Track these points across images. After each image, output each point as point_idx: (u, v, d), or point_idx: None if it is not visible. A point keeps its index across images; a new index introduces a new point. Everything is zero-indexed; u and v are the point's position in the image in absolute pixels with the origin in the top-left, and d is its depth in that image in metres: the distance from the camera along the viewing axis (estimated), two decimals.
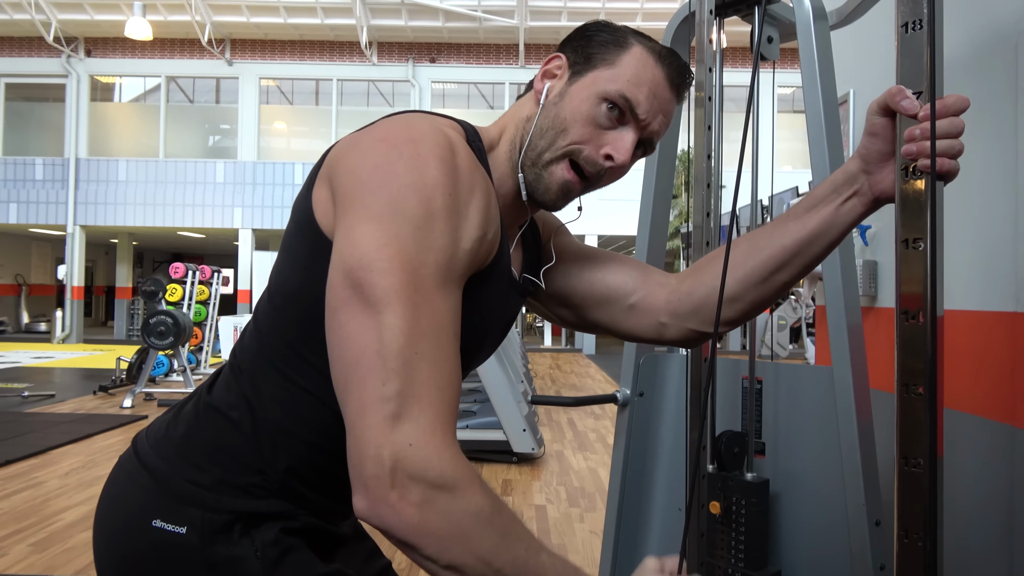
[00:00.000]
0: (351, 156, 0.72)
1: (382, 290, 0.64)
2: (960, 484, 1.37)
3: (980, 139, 1.35)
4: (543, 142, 0.82)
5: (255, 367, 0.81)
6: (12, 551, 3.08)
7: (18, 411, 6.40)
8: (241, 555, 0.77)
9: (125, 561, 0.80)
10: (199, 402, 0.85)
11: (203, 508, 0.78)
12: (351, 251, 0.66)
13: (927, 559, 0.65)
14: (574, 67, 0.83)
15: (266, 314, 0.82)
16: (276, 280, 0.82)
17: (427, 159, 0.69)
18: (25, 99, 15.71)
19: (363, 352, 0.64)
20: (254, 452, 0.80)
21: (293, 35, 14.97)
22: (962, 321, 1.39)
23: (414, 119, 0.75)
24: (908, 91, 0.72)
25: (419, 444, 0.62)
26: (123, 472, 0.85)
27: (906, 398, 0.69)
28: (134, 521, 0.79)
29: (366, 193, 0.68)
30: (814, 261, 0.86)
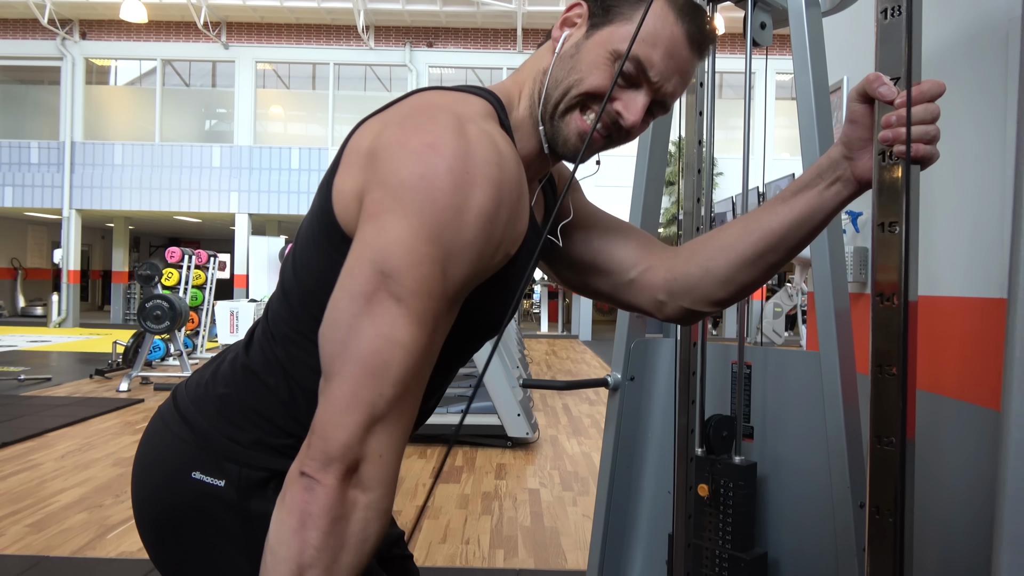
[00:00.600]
0: (397, 156, 0.70)
1: (406, 307, 0.66)
2: (947, 468, 1.39)
3: (970, 127, 1.36)
4: (557, 92, 0.81)
5: (287, 336, 0.83)
6: (8, 532, 3.10)
7: (14, 394, 6.42)
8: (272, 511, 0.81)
9: (165, 509, 0.84)
10: (236, 362, 0.87)
11: (241, 464, 0.81)
12: (387, 249, 0.67)
13: (896, 535, 0.66)
14: (592, 18, 0.82)
15: (293, 289, 0.83)
16: (300, 260, 0.83)
17: (475, 182, 0.68)
18: (20, 82, 15.60)
19: (374, 353, 0.66)
20: (290, 417, 0.82)
21: (290, 18, 14.87)
22: (949, 307, 1.41)
23: (460, 119, 0.72)
24: (885, 77, 0.73)
25: (386, 459, 0.67)
26: (163, 424, 0.88)
27: (880, 379, 0.70)
28: (174, 472, 0.83)
29: (409, 202, 0.67)
30: (801, 244, 0.88)
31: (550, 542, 3.16)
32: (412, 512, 3.50)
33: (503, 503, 3.69)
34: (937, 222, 1.45)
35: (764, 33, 1.57)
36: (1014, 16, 1.25)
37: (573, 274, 1.02)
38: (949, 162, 1.39)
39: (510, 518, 3.46)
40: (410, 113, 0.75)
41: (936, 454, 1.41)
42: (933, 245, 1.46)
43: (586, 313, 14.87)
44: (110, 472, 4.08)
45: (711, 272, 0.91)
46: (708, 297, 0.93)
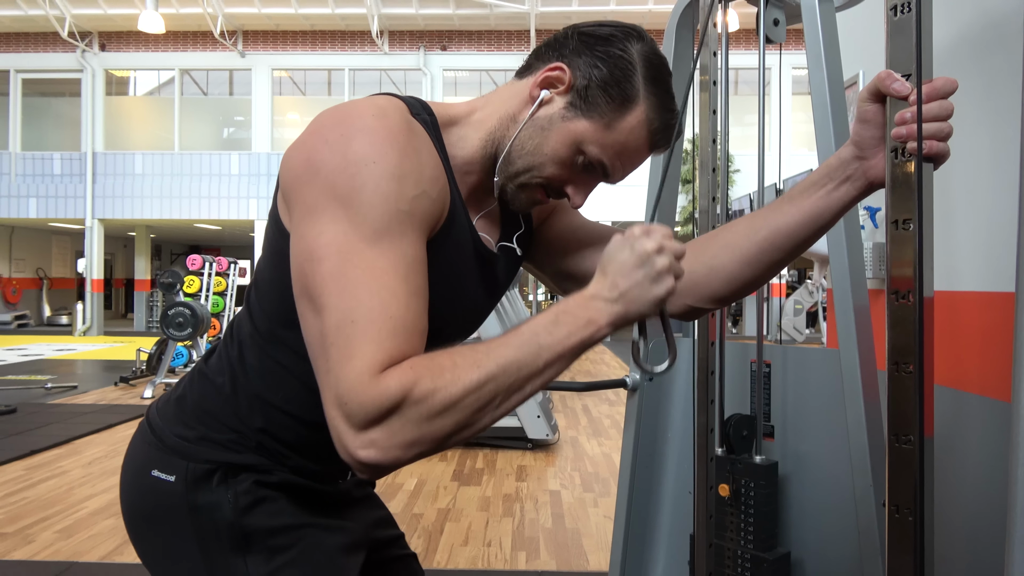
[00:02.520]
0: (291, 156, 0.76)
1: (320, 277, 0.69)
2: (969, 464, 1.37)
3: (986, 121, 1.34)
4: (520, 163, 0.84)
5: (243, 339, 0.90)
6: (39, 538, 3.15)
7: (42, 402, 6.52)
8: (217, 501, 0.86)
9: (133, 506, 0.93)
10: (196, 370, 0.96)
11: (188, 459, 0.88)
12: (297, 248, 0.72)
13: (916, 533, 0.66)
14: (572, 97, 0.82)
15: (254, 298, 0.89)
16: (258, 266, 0.89)
17: (350, 136, 0.72)
18: (41, 94, 15.85)
19: (314, 339, 0.70)
20: (232, 413, 0.89)
21: (304, 25, 14.99)
22: (969, 301, 1.39)
23: (347, 103, 0.78)
24: (896, 74, 0.73)
25: (352, 397, 0.65)
26: (138, 433, 0.97)
27: (897, 376, 0.70)
28: (139, 472, 0.91)
29: (303, 188, 0.72)
30: (807, 243, 0.88)
31: (571, 543, 3.16)
32: (434, 515, 3.51)
33: (524, 505, 3.69)
34: (956, 216, 1.43)
35: (777, 30, 1.56)
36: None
37: (569, 283, 1.03)
38: (967, 157, 1.38)
39: (531, 520, 3.46)
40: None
41: (957, 450, 1.39)
42: (952, 239, 1.44)
43: None
44: None
45: (715, 270, 0.92)
46: (712, 294, 0.94)
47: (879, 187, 0.81)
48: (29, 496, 3.76)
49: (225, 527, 0.86)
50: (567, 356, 0.72)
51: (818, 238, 0.87)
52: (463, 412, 0.67)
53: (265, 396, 0.88)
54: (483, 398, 0.68)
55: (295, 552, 0.88)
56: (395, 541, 1.09)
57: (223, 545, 0.86)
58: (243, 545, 0.86)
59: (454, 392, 0.66)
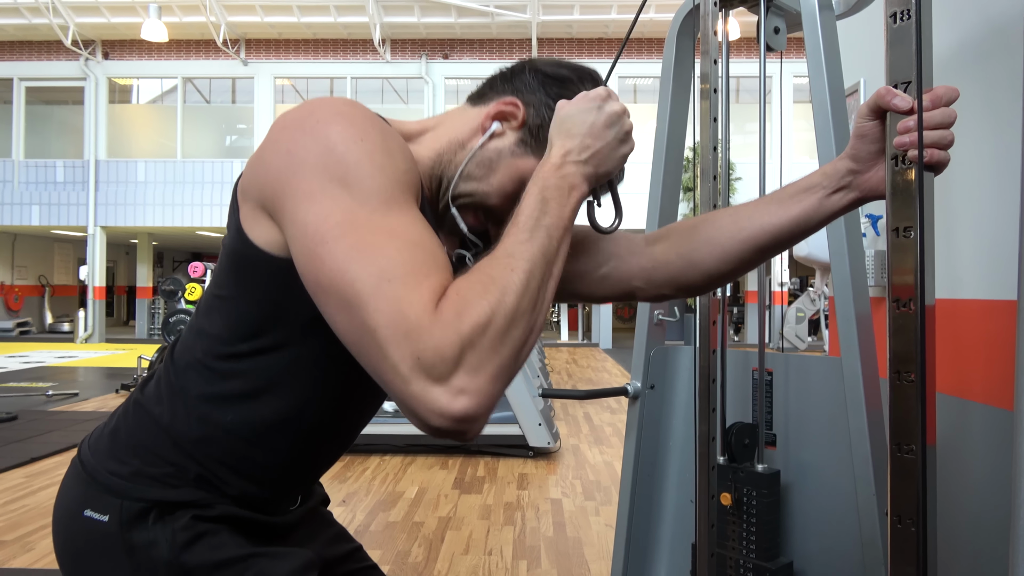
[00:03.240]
0: (263, 155, 0.74)
1: (342, 256, 0.65)
2: (972, 473, 1.36)
3: (988, 129, 1.34)
4: (465, 187, 0.85)
5: (185, 363, 0.85)
6: (38, 546, 3.14)
7: (43, 410, 6.51)
8: (154, 539, 0.81)
9: (64, 547, 0.87)
10: (130, 400, 0.91)
11: (122, 497, 0.83)
12: (303, 235, 0.68)
13: (919, 544, 0.65)
14: (523, 133, 0.84)
15: (206, 314, 0.86)
16: (213, 284, 0.86)
17: (328, 122, 0.71)
18: (45, 102, 15.91)
19: (351, 323, 0.64)
20: (170, 444, 0.84)
21: (307, 34, 15.04)
22: (972, 309, 1.39)
23: (306, 101, 0.77)
24: (896, 89, 0.73)
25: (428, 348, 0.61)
26: (70, 469, 0.91)
27: (898, 385, 0.70)
28: (70, 512, 0.86)
29: (289, 178, 0.70)
30: (789, 244, 0.89)
31: (573, 552, 3.14)
32: (435, 524, 3.50)
33: (525, 513, 3.68)
34: (958, 224, 1.43)
35: (778, 38, 1.57)
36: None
37: None
38: (969, 164, 1.38)
39: (532, 528, 3.45)
40: None
41: (961, 459, 1.38)
42: (955, 247, 1.44)
43: (606, 321, 14.82)
44: None
45: (694, 264, 0.93)
46: (687, 285, 0.96)
47: (871, 199, 0.82)
48: (29, 504, 3.76)
49: (163, 566, 0.81)
50: (568, 227, 0.73)
51: (800, 240, 0.89)
52: (524, 316, 0.65)
53: (212, 419, 0.83)
54: (532, 294, 0.66)
55: None
56: (351, 555, 1.06)
57: None
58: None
59: (509, 301, 0.64)
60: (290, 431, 0.85)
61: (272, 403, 0.83)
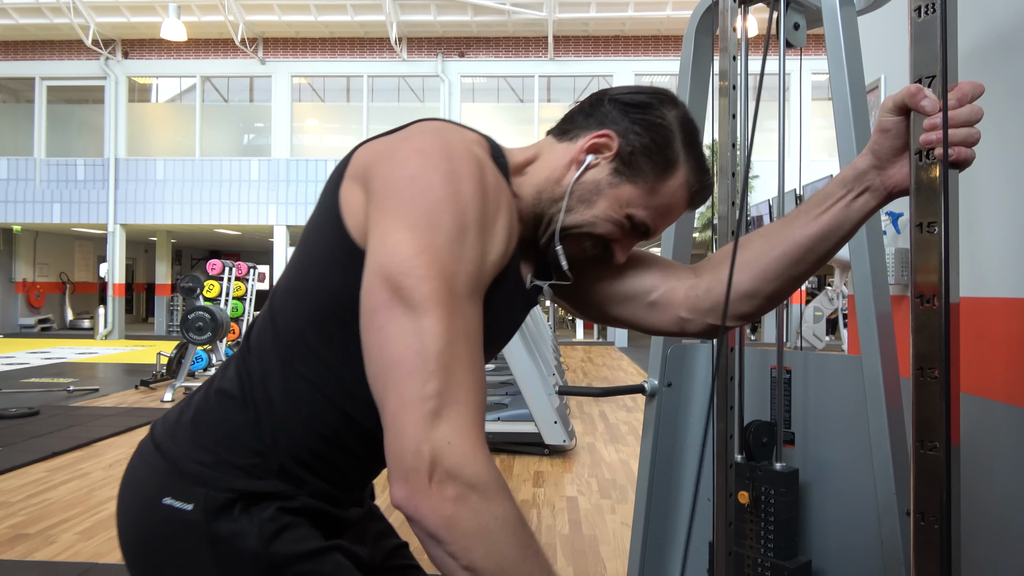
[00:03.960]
0: (389, 165, 0.75)
1: (421, 295, 0.68)
2: (996, 474, 1.35)
3: (1012, 125, 1.32)
4: (570, 220, 0.87)
5: (265, 354, 0.85)
6: (60, 539, 3.18)
7: (64, 405, 6.60)
8: (240, 531, 0.81)
9: (140, 537, 0.86)
10: (211, 386, 0.90)
11: (207, 487, 0.82)
12: (389, 257, 0.70)
13: (943, 542, 0.65)
14: (618, 163, 0.86)
15: (282, 304, 0.85)
16: (295, 273, 0.84)
17: (461, 175, 0.73)
18: (66, 101, 16.10)
19: (404, 353, 0.67)
20: (256, 435, 0.83)
21: (324, 33, 15.11)
22: (995, 308, 1.37)
23: (446, 132, 0.78)
24: (927, 90, 0.72)
25: (456, 443, 0.66)
26: (140, 456, 0.90)
27: (922, 382, 0.69)
28: (148, 500, 0.85)
29: (403, 202, 0.71)
30: (827, 256, 0.88)
31: (589, 550, 3.14)
32: None
33: (541, 511, 3.68)
34: (982, 222, 1.41)
35: (798, 34, 1.55)
36: None
37: (593, 308, 1.03)
38: (993, 161, 1.36)
39: (548, 526, 3.45)
40: (405, 132, 0.81)
41: (982, 458, 1.37)
42: (979, 245, 1.42)
43: None
44: None
45: (735, 288, 0.92)
46: (734, 312, 0.94)
47: (898, 196, 0.81)
48: (51, 498, 3.81)
49: (250, 558, 0.81)
50: None
51: (839, 248, 0.87)
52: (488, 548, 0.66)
53: (291, 416, 0.83)
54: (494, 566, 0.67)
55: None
56: (397, 551, 1.07)
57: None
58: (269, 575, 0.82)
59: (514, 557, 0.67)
60: (360, 431, 0.85)
61: (342, 402, 0.83)
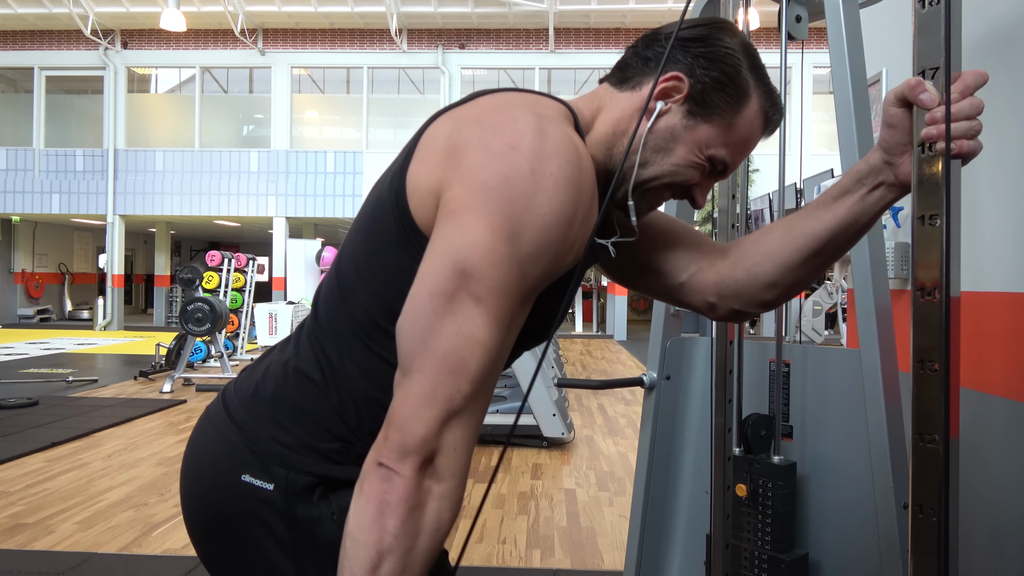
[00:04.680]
0: (479, 155, 0.71)
1: (487, 306, 0.68)
2: (995, 468, 1.35)
3: (1014, 118, 1.32)
4: (648, 172, 0.84)
5: (339, 335, 0.83)
6: (59, 529, 3.19)
7: (63, 395, 6.60)
8: (319, 516, 0.81)
9: (216, 510, 0.85)
10: (287, 363, 0.87)
11: (288, 468, 0.82)
12: (469, 250, 0.68)
13: (941, 534, 0.65)
14: (691, 104, 0.82)
15: (351, 284, 0.83)
16: (361, 251, 0.82)
17: (557, 184, 0.69)
18: (65, 92, 16.05)
19: (452, 352, 0.67)
20: (339, 419, 0.83)
21: (324, 24, 15.06)
22: (995, 303, 1.37)
23: (547, 123, 0.73)
24: (927, 83, 0.72)
25: (459, 451, 0.69)
26: (212, 425, 0.88)
27: (921, 375, 0.69)
28: (225, 474, 0.84)
29: (491, 202, 0.69)
30: (847, 246, 0.88)
31: (587, 542, 3.15)
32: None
33: (539, 503, 3.69)
34: (983, 217, 1.41)
35: (800, 27, 1.55)
36: None
37: (626, 275, 1.04)
38: (994, 155, 1.36)
39: (546, 518, 3.46)
40: (488, 112, 0.76)
41: (981, 453, 1.37)
42: (979, 240, 1.42)
43: (621, 313, 14.78)
44: (155, 471, 4.17)
45: (758, 277, 0.92)
46: (756, 299, 0.94)
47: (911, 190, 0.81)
48: (50, 487, 3.81)
49: (327, 544, 0.80)
50: None
51: (858, 240, 0.88)
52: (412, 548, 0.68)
53: (374, 397, 0.81)
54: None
55: None
56: None
57: (323, 563, 0.80)
58: None
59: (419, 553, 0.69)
60: None
61: None
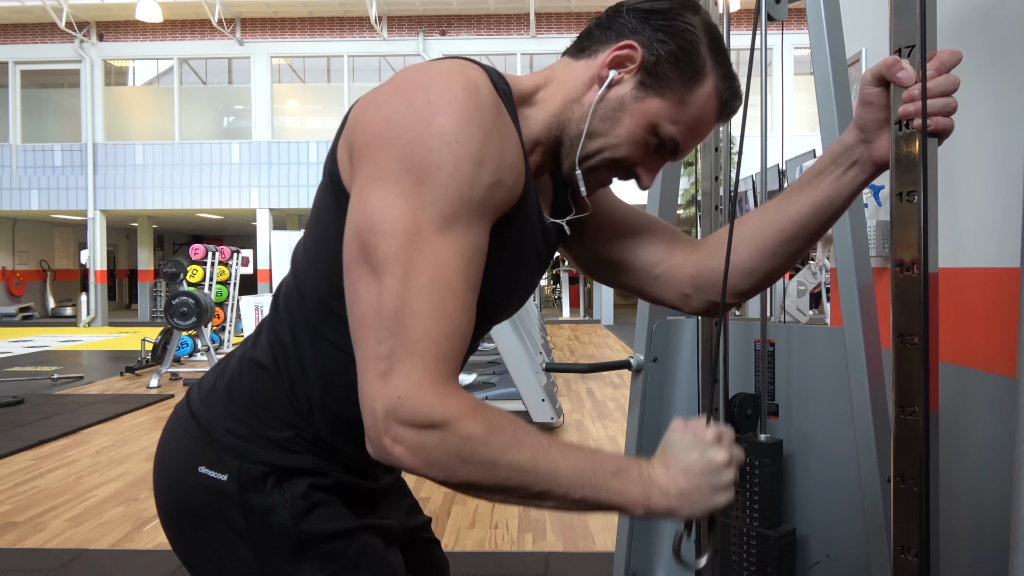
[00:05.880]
0: (367, 112, 0.73)
1: (384, 253, 0.67)
2: (976, 441, 1.38)
3: (990, 95, 1.34)
4: (592, 146, 0.82)
5: (293, 322, 0.84)
6: (49, 526, 3.18)
7: (48, 393, 6.55)
8: (272, 505, 0.82)
9: (178, 503, 0.88)
10: (244, 355, 0.89)
11: (241, 458, 0.83)
12: (360, 212, 0.69)
13: (922, 504, 0.66)
14: (642, 75, 0.80)
15: (304, 270, 0.84)
16: (310, 237, 0.84)
17: (436, 106, 0.69)
18: (40, 85, 15.81)
19: (366, 311, 0.67)
20: (290, 406, 0.84)
21: (303, 12, 14.90)
22: (974, 278, 1.39)
23: (432, 64, 0.74)
24: (904, 62, 0.73)
25: (408, 395, 0.65)
26: (176, 421, 0.91)
27: (902, 349, 0.70)
28: (184, 466, 0.86)
29: (376, 149, 0.69)
30: (822, 229, 0.88)
31: (578, 525, 3.18)
32: (441, 498, 3.53)
33: None
34: (961, 193, 1.43)
35: (779, 7, 1.55)
36: None
37: (599, 268, 1.03)
38: (971, 132, 1.37)
39: None
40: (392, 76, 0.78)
41: (963, 426, 1.40)
42: (957, 216, 1.44)
43: (608, 297, 14.84)
44: (144, 466, 4.16)
45: (734, 266, 0.92)
46: (733, 289, 0.94)
47: (887, 168, 0.81)
48: (39, 485, 3.79)
49: (281, 532, 0.82)
50: (598, 505, 0.72)
51: (833, 223, 0.88)
52: (491, 479, 0.68)
53: (322, 383, 0.83)
54: (513, 483, 0.68)
55: (348, 557, 0.84)
56: (424, 526, 1.08)
57: (279, 551, 0.83)
58: (298, 551, 0.83)
59: (498, 458, 0.67)
60: None
61: None
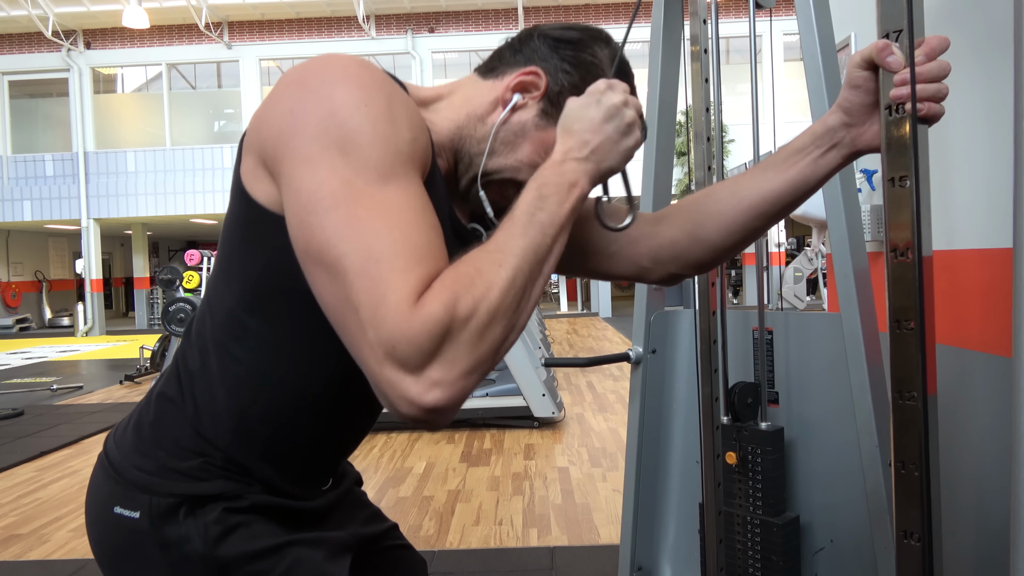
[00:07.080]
0: (266, 114, 0.72)
1: (331, 228, 0.64)
2: (976, 422, 1.38)
3: (981, 77, 1.34)
4: (492, 164, 0.83)
5: (202, 345, 0.84)
6: (53, 537, 3.18)
7: (49, 404, 6.54)
8: (186, 534, 0.81)
9: (99, 543, 0.87)
10: (152, 391, 0.89)
11: (150, 493, 0.82)
12: (296, 201, 0.67)
13: (923, 488, 0.66)
14: (545, 103, 0.82)
15: (216, 289, 0.83)
16: (221, 253, 0.83)
17: (333, 82, 0.69)
18: (29, 95, 15.74)
19: (335, 301, 0.64)
20: (195, 432, 0.82)
21: (290, 13, 14.85)
22: (969, 260, 1.39)
23: (312, 58, 0.75)
24: (894, 46, 0.73)
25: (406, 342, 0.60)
26: (98, 465, 0.90)
27: (898, 334, 0.70)
28: (102, 507, 0.85)
29: (290, 140, 0.68)
30: (790, 208, 0.88)
31: (582, 518, 3.19)
32: (444, 497, 3.54)
33: (533, 483, 3.72)
34: (953, 175, 1.43)
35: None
36: None
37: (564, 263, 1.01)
38: (963, 114, 1.37)
39: (541, 497, 3.49)
40: None
41: (961, 407, 1.40)
42: (950, 199, 1.44)
43: (605, 290, 14.84)
44: None
45: (699, 240, 0.92)
46: (696, 262, 0.94)
47: (866, 153, 0.81)
48: (42, 497, 3.79)
49: (199, 560, 0.81)
50: (565, 226, 0.71)
51: (802, 203, 0.88)
52: (507, 314, 0.64)
53: (231, 405, 0.82)
54: (517, 293, 0.65)
55: (277, 574, 0.83)
56: (387, 533, 1.06)
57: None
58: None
59: (493, 297, 0.63)
60: (308, 409, 0.83)
61: (287, 380, 0.81)
